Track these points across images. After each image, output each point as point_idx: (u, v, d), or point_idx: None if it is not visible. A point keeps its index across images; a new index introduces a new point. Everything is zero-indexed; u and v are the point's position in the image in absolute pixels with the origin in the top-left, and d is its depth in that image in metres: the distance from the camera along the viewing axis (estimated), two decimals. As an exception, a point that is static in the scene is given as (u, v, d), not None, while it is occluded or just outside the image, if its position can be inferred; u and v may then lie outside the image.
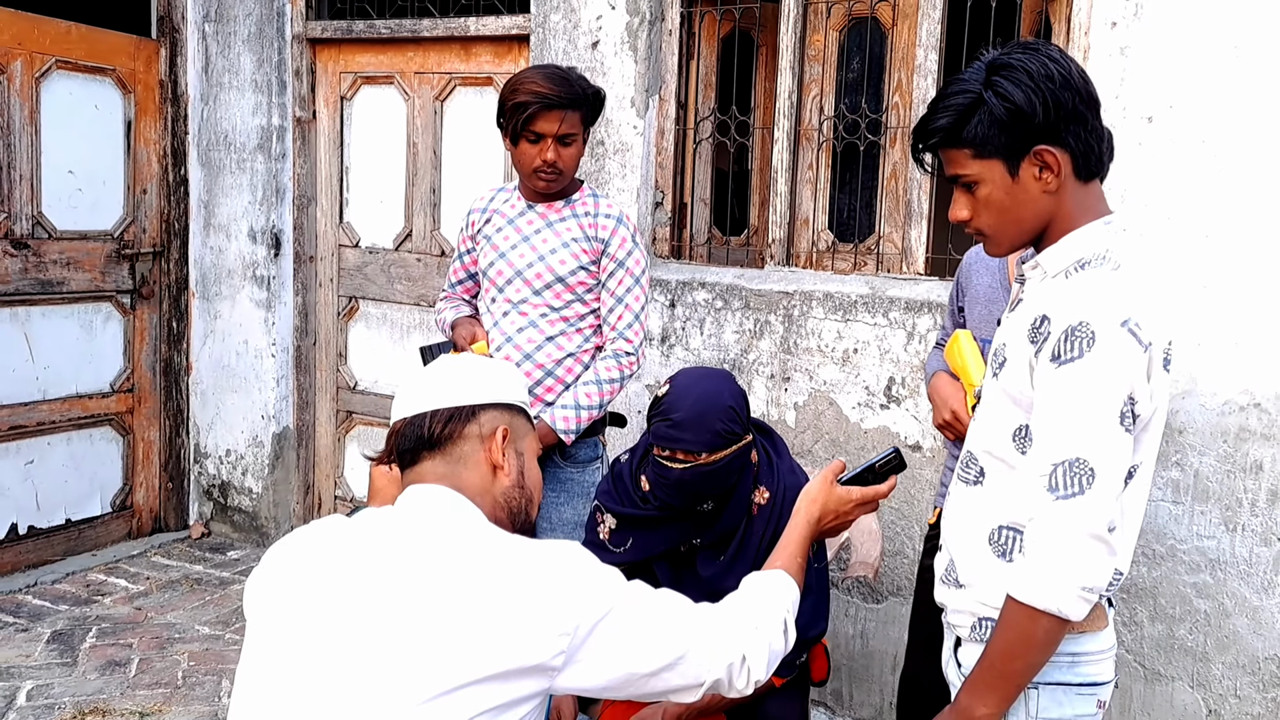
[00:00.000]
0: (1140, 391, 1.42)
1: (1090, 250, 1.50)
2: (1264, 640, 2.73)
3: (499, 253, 2.66)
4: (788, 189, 3.48)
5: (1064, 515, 1.40)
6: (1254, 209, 2.67)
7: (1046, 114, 1.45)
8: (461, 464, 1.44)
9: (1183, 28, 2.73)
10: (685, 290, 3.51)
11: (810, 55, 3.47)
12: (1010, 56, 1.49)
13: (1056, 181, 1.49)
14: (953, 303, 2.53)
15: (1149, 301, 1.45)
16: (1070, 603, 1.41)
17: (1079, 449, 1.40)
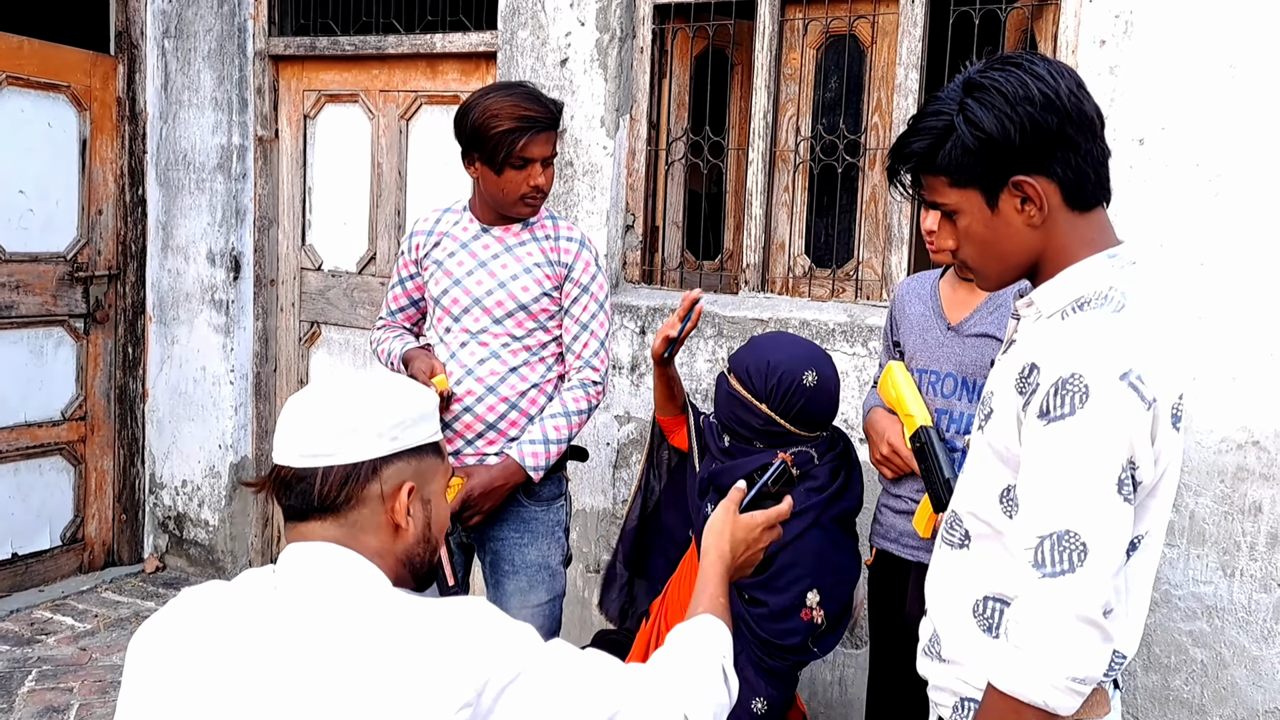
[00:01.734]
0: (1142, 455, 1.24)
1: (1091, 288, 1.32)
2: (1264, 692, 2.57)
3: (453, 279, 2.48)
4: (763, 212, 3.34)
5: (1051, 596, 1.23)
6: (1251, 235, 2.54)
7: (1024, 141, 1.29)
8: (357, 528, 1.24)
9: (1176, 46, 2.61)
10: (657, 316, 3.36)
11: (786, 74, 3.34)
12: (985, 76, 1.33)
13: (1041, 215, 1.32)
14: (887, 336, 2.40)
15: (1156, 349, 1.27)
16: (1057, 696, 1.23)
17: (1069, 521, 1.22)
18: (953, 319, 2.16)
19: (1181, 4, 2.59)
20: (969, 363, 2.10)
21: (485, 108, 2.35)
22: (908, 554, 2.20)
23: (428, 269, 2.54)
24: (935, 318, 2.21)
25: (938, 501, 1.97)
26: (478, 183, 2.46)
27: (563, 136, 3.48)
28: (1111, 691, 1.39)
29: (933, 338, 2.18)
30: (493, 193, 2.42)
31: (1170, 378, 1.27)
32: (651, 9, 3.45)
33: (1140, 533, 1.32)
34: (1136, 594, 1.35)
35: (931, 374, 2.15)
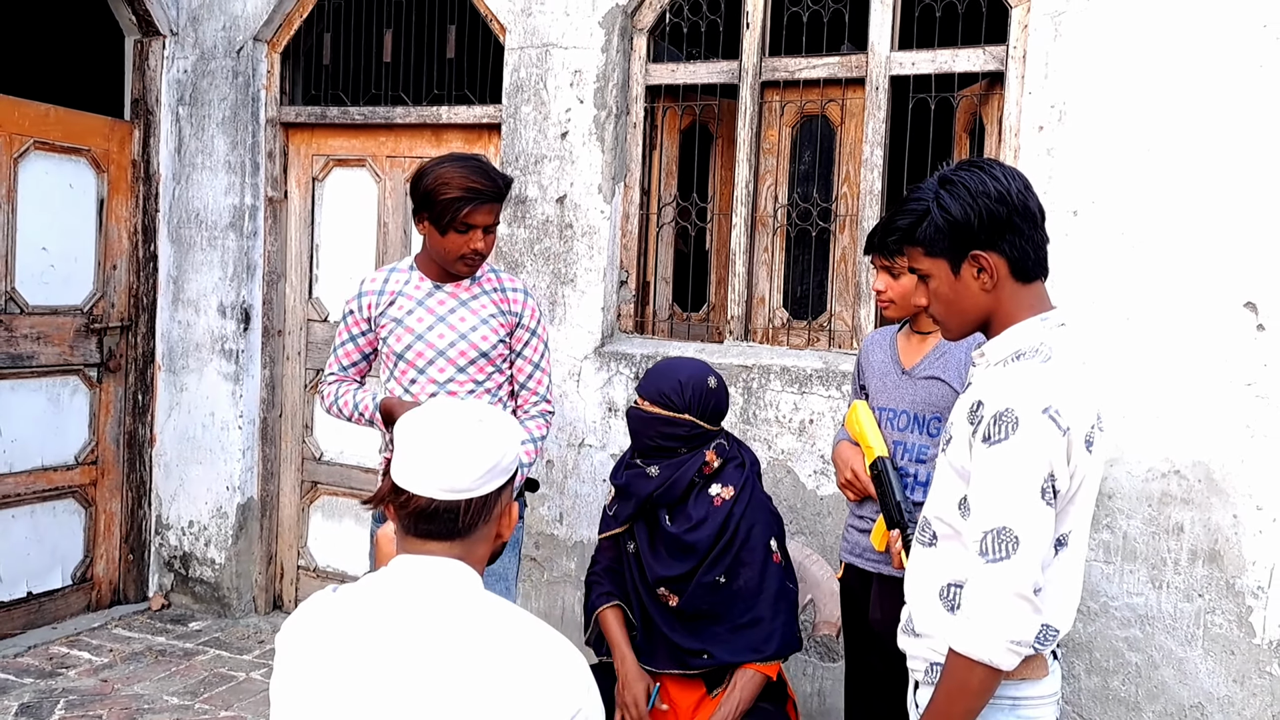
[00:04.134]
0: (1060, 470, 1.60)
1: (1026, 344, 1.69)
2: (1189, 690, 2.97)
3: (415, 335, 2.69)
4: (745, 270, 3.73)
5: (993, 577, 1.59)
6: (1166, 295, 2.97)
7: (981, 224, 1.68)
8: (476, 542, 1.47)
9: (1102, 131, 3.05)
10: (648, 363, 3.71)
11: (765, 149, 3.75)
12: (956, 174, 1.72)
13: (992, 282, 1.70)
14: (855, 380, 2.79)
15: (1071, 390, 1.62)
16: (1000, 655, 1.59)
17: (1005, 519, 1.58)
18: (906, 365, 2.57)
19: (1107, 96, 3.04)
20: (920, 401, 2.50)
21: (438, 175, 2.58)
22: (870, 566, 2.54)
23: (385, 326, 2.72)
24: (893, 364, 2.60)
25: (890, 520, 2.31)
26: (425, 239, 2.70)
27: (563, 202, 3.85)
28: (1051, 662, 1.74)
29: (890, 381, 2.58)
30: (437, 250, 2.66)
31: (1083, 411, 1.63)
32: (644, 89, 3.85)
33: (1065, 531, 1.68)
34: (1067, 581, 1.69)
35: (890, 411, 2.54)
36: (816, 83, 3.62)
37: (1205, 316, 2.94)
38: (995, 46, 3.33)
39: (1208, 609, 2.95)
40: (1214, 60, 2.92)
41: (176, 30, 4.57)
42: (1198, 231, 2.95)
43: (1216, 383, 2.92)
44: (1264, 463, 2.88)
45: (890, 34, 3.47)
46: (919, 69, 3.45)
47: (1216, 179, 2.92)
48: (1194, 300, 2.95)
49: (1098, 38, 3.05)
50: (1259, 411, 2.88)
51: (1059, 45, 3.10)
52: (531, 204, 3.92)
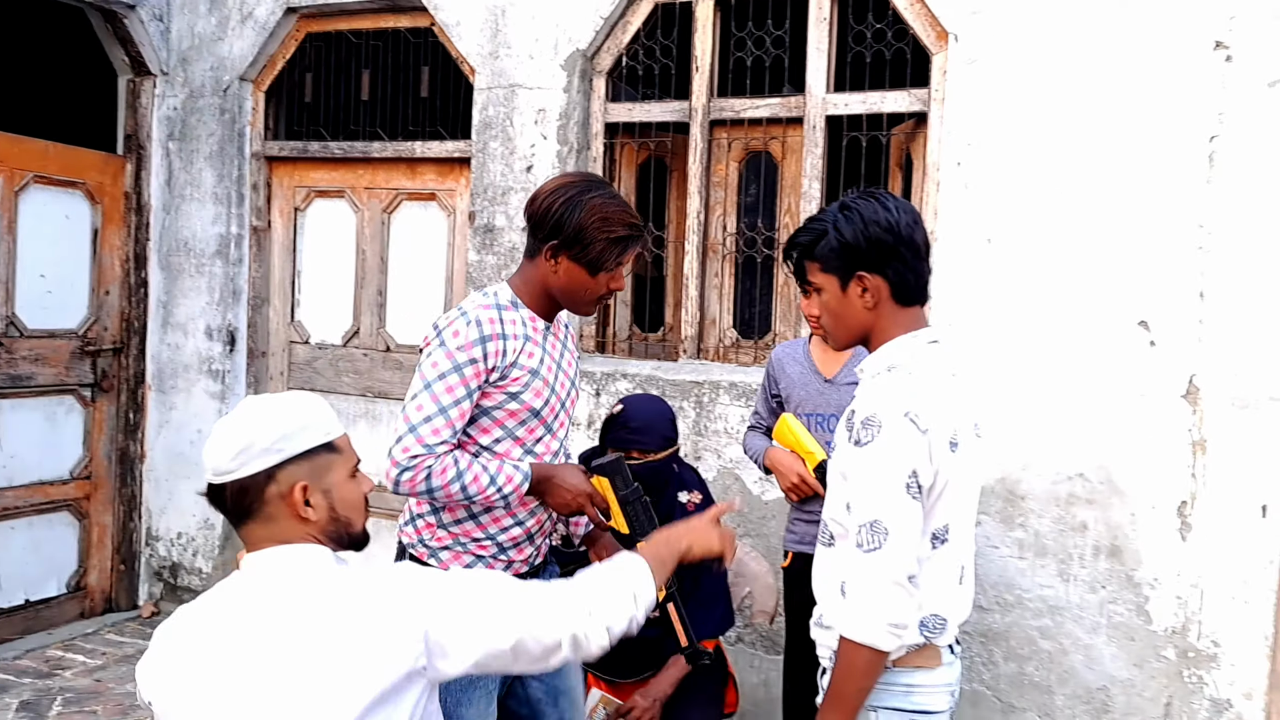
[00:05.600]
0: (922, 467, 1.74)
1: (898, 359, 1.85)
2: (1095, 673, 3.26)
3: (550, 387, 2.25)
4: (698, 293, 4.03)
5: (869, 566, 1.73)
6: (1069, 314, 3.28)
7: (869, 248, 1.87)
8: (274, 524, 1.55)
9: (1012, 166, 3.37)
10: (609, 380, 4.00)
11: (715, 181, 4.06)
12: (854, 201, 1.92)
13: (874, 301, 1.88)
14: (765, 392, 3.09)
15: (932, 398, 1.77)
16: (881, 637, 1.73)
17: (876, 513, 1.73)
18: (827, 374, 2.91)
19: (1016, 134, 3.35)
20: (845, 405, 2.79)
21: (595, 209, 2.16)
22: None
23: (517, 379, 2.18)
24: (812, 374, 2.93)
25: None
26: (550, 276, 2.20)
27: (528, 230, 4.14)
28: (947, 654, 1.85)
29: (814, 389, 2.90)
30: (574, 289, 2.20)
31: (945, 416, 1.78)
32: (603, 126, 4.15)
33: (942, 525, 1.81)
34: (950, 572, 1.82)
35: (819, 416, 2.84)
36: (760, 121, 3.93)
37: (1105, 333, 3.24)
38: (919, 89, 3.65)
39: (1110, 599, 3.24)
40: (1106, 103, 3.24)
41: (167, 70, 4.86)
42: (1096, 257, 3.26)
43: (1116, 393, 3.23)
44: (1157, 466, 3.18)
45: (826, 77, 3.79)
46: (852, 109, 3.76)
47: (1112, 209, 3.23)
48: (1095, 319, 3.26)
49: (1007, 82, 3.36)
50: (1152, 419, 3.19)
51: (974, 88, 3.42)
52: (499, 232, 4.21)
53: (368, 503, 1.69)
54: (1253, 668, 3.11)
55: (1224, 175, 3.11)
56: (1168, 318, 3.18)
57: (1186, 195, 3.15)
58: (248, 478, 1.53)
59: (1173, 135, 3.17)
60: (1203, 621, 3.16)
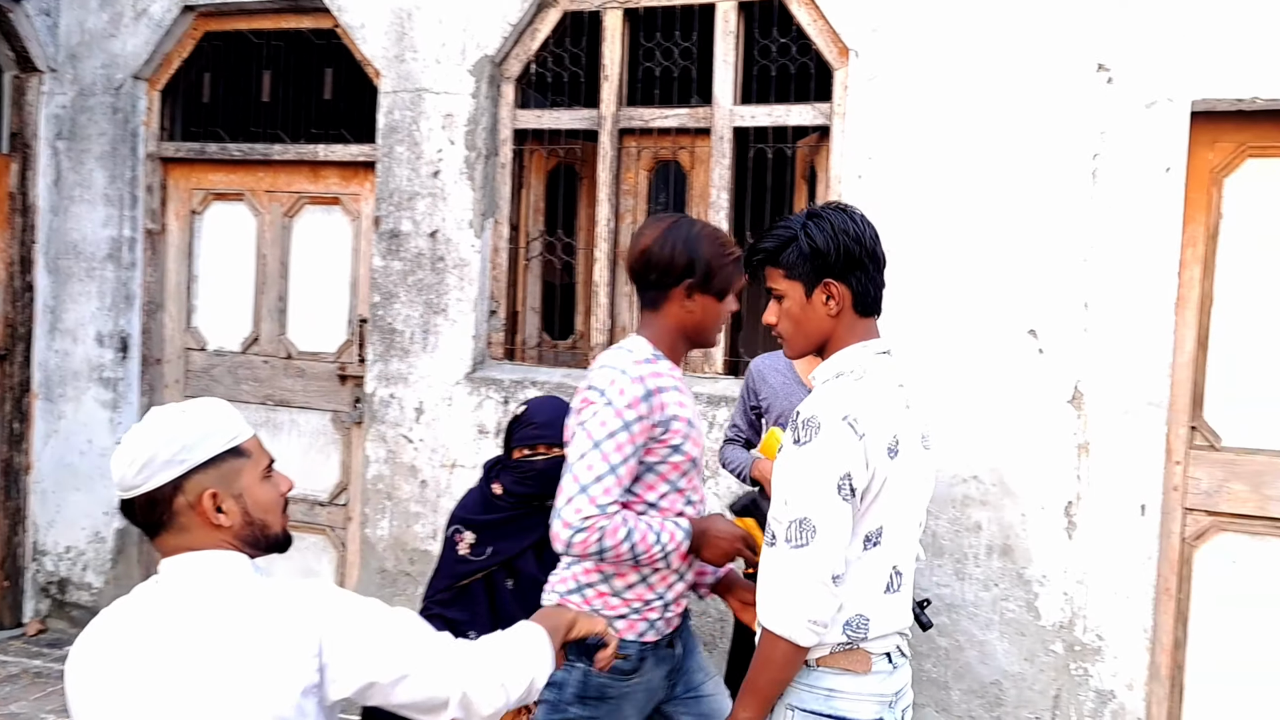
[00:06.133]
0: (856, 470, 1.77)
1: (848, 366, 1.89)
2: (988, 668, 3.40)
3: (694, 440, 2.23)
4: (608, 301, 4.06)
5: (795, 561, 1.76)
6: (963, 324, 3.42)
7: (837, 257, 1.90)
8: (186, 533, 1.54)
9: (911, 179, 3.49)
10: (518, 388, 4.00)
11: (625, 189, 4.10)
12: (823, 210, 1.95)
13: (837, 309, 1.91)
14: (745, 403, 3.10)
15: (871, 404, 1.81)
16: (799, 631, 1.76)
17: (806, 510, 1.76)
18: (810, 386, 2.90)
19: (915, 148, 3.48)
20: None
21: (709, 237, 2.22)
22: None
23: (677, 431, 2.16)
24: (796, 384, 2.97)
25: None
26: (687, 317, 2.23)
27: (435, 236, 4.12)
28: (881, 662, 1.85)
29: (798, 400, 2.89)
30: (709, 322, 2.25)
31: (885, 424, 1.81)
32: (511, 132, 4.15)
33: (875, 528, 1.83)
34: (880, 575, 1.84)
35: None
36: (669, 131, 3.98)
37: (997, 342, 3.38)
38: (823, 103, 3.75)
39: (1002, 597, 3.38)
40: (997, 120, 3.38)
41: (55, 67, 4.68)
42: (989, 268, 3.40)
43: (1008, 399, 3.37)
44: (1046, 468, 3.33)
45: (733, 89, 3.86)
46: (758, 121, 3.84)
47: (1004, 222, 3.38)
48: (988, 328, 3.39)
49: (906, 96, 3.48)
50: (1041, 424, 3.34)
51: (874, 104, 3.53)
52: (405, 238, 4.17)
53: (287, 503, 1.68)
54: (1134, 660, 3.28)
55: (1105, 191, 3.28)
56: (1055, 327, 3.33)
57: (1072, 210, 3.31)
58: (154, 490, 1.52)
59: (1059, 152, 3.32)
60: (1088, 616, 3.32)
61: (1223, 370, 3.31)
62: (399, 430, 4.19)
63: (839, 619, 1.83)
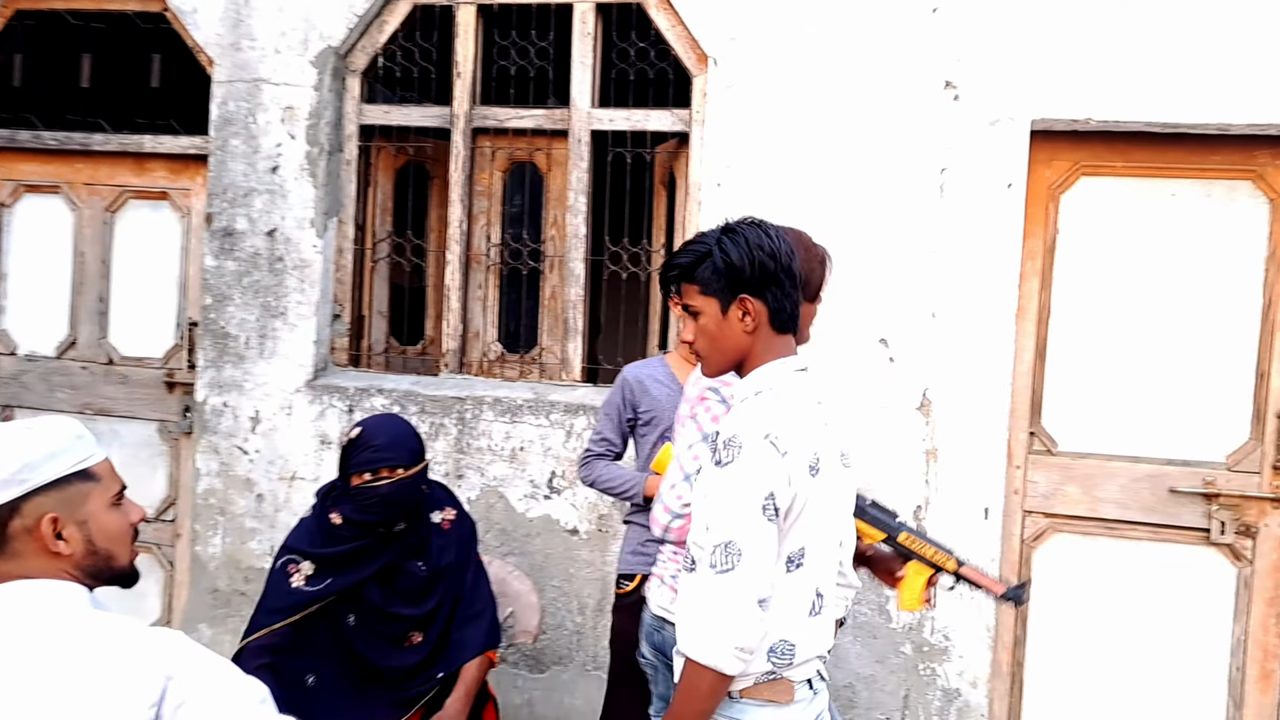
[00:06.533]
0: (780, 490, 1.73)
1: (766, 384, 1.85)
2: (842, 672, 3.44)
3: None
4: (460, 305, 3.92)
5: (720, 586, 1.70)
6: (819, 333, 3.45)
7: (753, 272, 1.86)
8: (21, 559, 1.44)
9: (769, 188, 3.50)
10: (363, 396, 3.82)
11: (478, 190, 3.97)
12: (739, 226, 1.92)
13: (754, 325, 1.88)
14: (619, 415, 2.91)
15: (793, 422, 1.78)
16: (725, 659, 1.69)
17: (731, 534, 1.71)
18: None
19: (773, 157, 3.50)
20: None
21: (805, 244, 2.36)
22: None
23: None
24: (680, 395, 2.82)
25: None
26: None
27: (273, 235, 3.89)
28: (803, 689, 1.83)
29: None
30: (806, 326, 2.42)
31: (806, 442, 1.78)
32: (357, 128, 3.97)
33: (797, 549, 1.78)
34: (803, 598, 1.80)
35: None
36: (525, 132, 3.89)
37: (850, 350, 3.44)
38: (682, 110, 3.73)
39: (855, 600, 3.43)
40: (851, 132, 3.44)
41: None
42: (843, 277, 3.44)
43: (860, 406, 3.43)
44: (896, 474, 3.40)
45: (591, 92, 3.80)
46: (616, 125, 3.79)
47: (857, 232, 3.44)
48: (842, 336, 3.44)
49: (764, 106, 3.50)
50: (892, 430, 3.41)
51: (732, 112, 3.53)
52: (240, 236, 3.92)
53: (136, 534, 1.55)
54: (978, 659, 3.39)
55: (952, 204, 3.38)
56: (905, 336, 3.41)
57: (921, 222, 3.40)
58: None
59: (909, 165, 3.41)
60: (935, 618, 3.40)
61: (1058, 378, 3.47)
62: (233, 441, 3.94)
63: (763, 645, 1.78)
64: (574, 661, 3.66)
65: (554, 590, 3.66)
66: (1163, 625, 3.40)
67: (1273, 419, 3.32)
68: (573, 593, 3.65)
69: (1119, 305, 3.42)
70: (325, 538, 2.68)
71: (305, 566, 2.66)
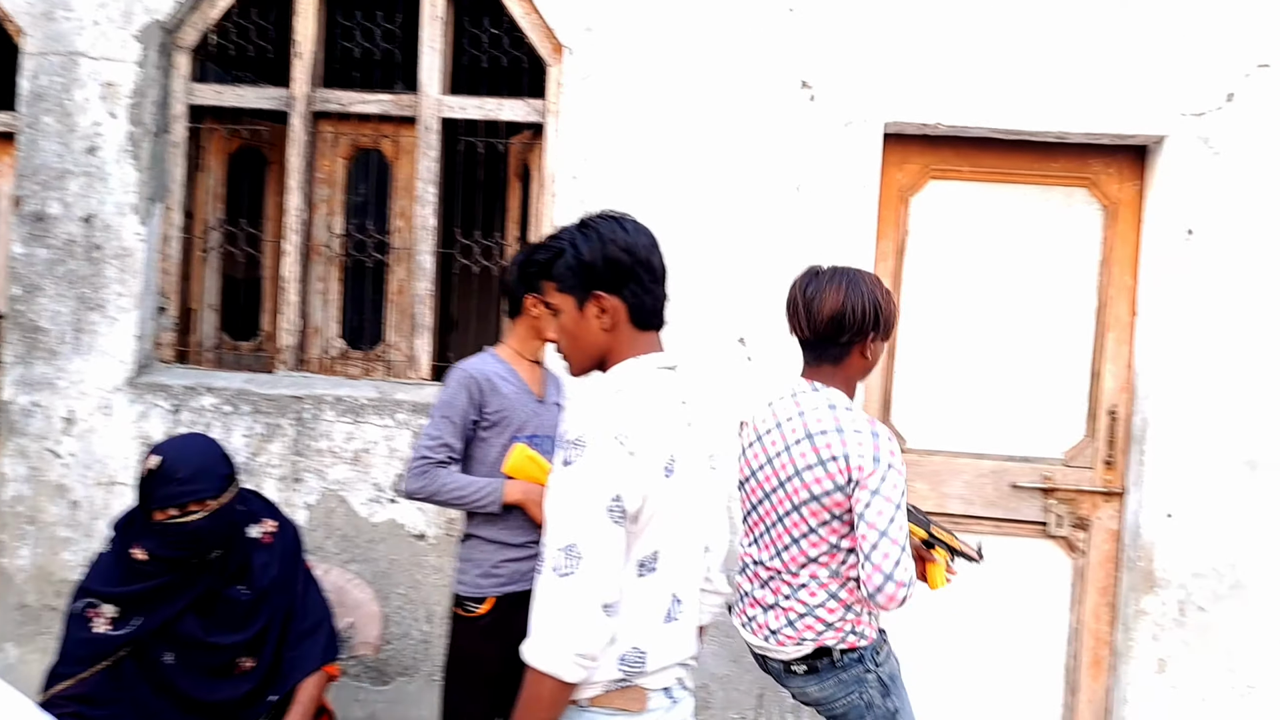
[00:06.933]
0: (628, 491, 1.66)
1: (625, 382, 1.76)
2: (697, 672, 3.40)
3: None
4: (298, 299, 3.70)
5: (562, 591, 1.63)
6: (677, 332, 3.41)
7: (606, 268, 1.78)
8: None
9: (624, 183, 3.44)
10: (191, 395, 3.55)
11: (320, 178, 3.75)
12: (594, 220, 1.83)
13: (611, 322, 1.80)
14: (464, 417, 2.63)
15: (647, 422, 1.70)
16: (566, 667, 1.62)
17: (573, 536, 1.64)
18: (538, 394, 2.73)
19: (628, 152, 3.43)
20: (555, 425, 2.69)
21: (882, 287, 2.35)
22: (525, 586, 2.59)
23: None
24: (526, 394, 2.70)
25: None
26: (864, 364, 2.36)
27: (90, 221, 3.58)
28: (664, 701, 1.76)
29: (533, 409, 2.69)
30: (874, 364, 2.41)
31: (660, 443, 1.70)
32: (186, 109, 3.69)
33: (650, 553, 1.71)
34: (657, 602, 1.73)
35: (539, 439, 2.66)
36: (370, 117, 3.69)
37: (710, 349, 3.40)
38: (537, 100, 3.62)
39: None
40: (710, 129, 3.41)
41: None
42: (703, 275, 3.41)
43: (718, 406, 3.39)
44: (753, 473, 3.39)
45: (441, 78, 3.64)
46: (468, 114, 3.65)
47: (716, 230, 3.41)
48: (701, 335, 3.41)
49: (620, 99, 3.43)
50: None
51: (588, 104, 3.45)
52: (54, 222, 3.59)
53: None
54: (830, 654, 3.41)
55: (808, 205, 3.39)
56: (762, 335, 3.40)
57: (778, 220, 3.39)
58: None
59: (767, 164, 3.40)
60: (790, 616, 3.40)
61: (907, 377, 3.53)
62: (44, 444, 3.60)
63: (612, 652, 1.70)
64: (420, 672, 3.50)
65: (399, 598, 3.49)
66: (1006, 616, 3.50)
67: (1104, 416, 3.47)
68: (419, 600, 3.49)
69: (964, 307, 3.51)
70: (127, 574, 2.39)
71: (107, 609, 2.37)
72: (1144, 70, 3.30)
